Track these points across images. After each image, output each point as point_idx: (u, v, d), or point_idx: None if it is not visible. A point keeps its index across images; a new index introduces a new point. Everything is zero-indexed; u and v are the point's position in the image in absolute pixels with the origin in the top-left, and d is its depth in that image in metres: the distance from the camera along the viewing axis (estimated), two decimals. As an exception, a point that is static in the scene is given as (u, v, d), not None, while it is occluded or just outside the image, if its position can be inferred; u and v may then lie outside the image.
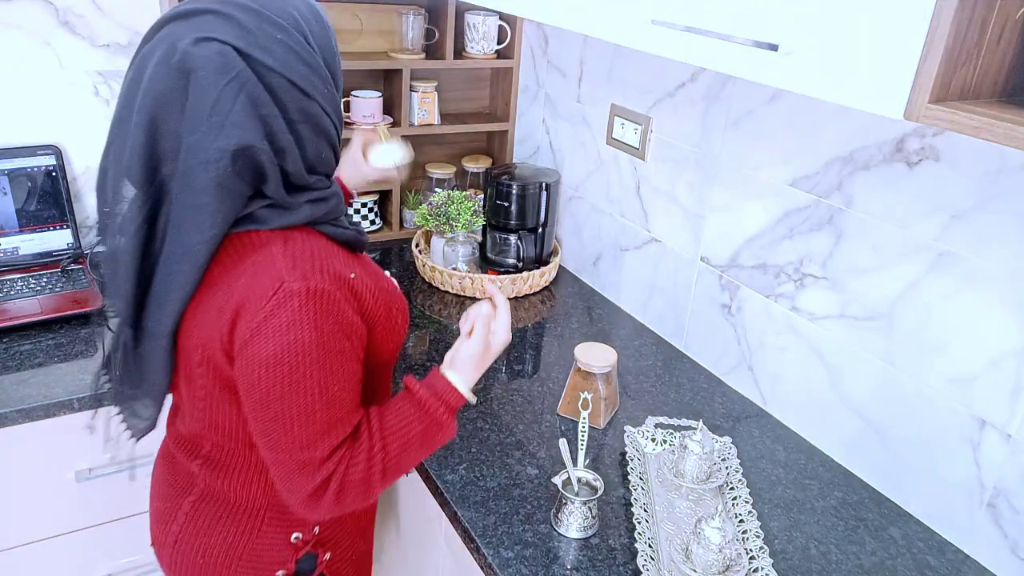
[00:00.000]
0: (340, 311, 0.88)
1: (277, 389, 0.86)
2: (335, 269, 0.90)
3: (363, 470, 0.91)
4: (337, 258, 0.92)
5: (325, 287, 0.87)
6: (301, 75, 0.86)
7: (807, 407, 1.38)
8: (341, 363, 0.89)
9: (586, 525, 1.11)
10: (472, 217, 1.79)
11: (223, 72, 0.81)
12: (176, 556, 1.06)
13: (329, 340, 0.87)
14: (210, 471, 1.02)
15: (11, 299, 1.56)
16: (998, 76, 0.75)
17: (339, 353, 0.88)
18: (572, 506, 1.10)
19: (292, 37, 0.86)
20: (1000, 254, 1.05)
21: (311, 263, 0.88)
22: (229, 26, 0.82)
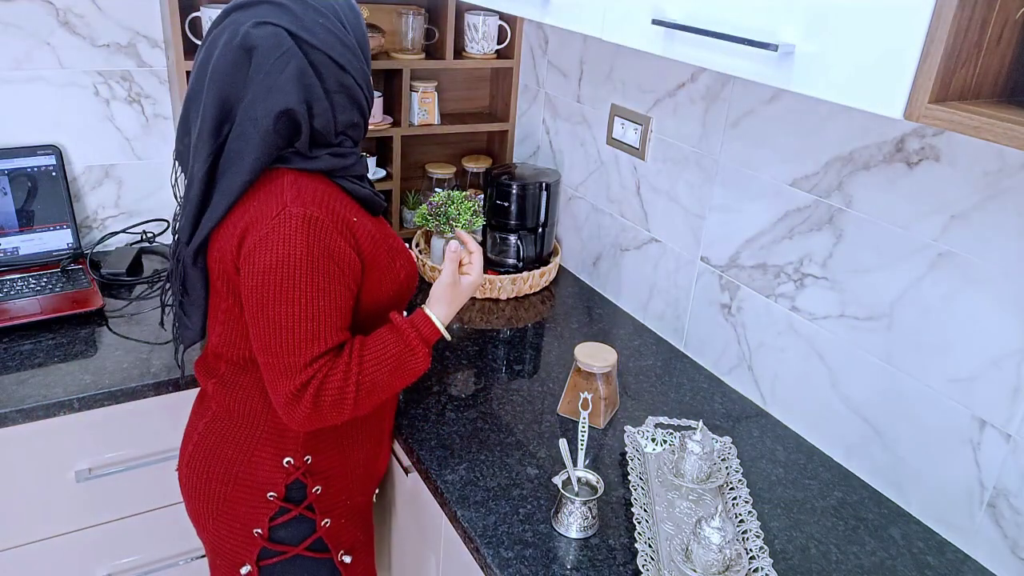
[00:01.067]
0: (331, 239, 1.02)
1: (271, 294, 1.00)
2: (334, 206, 1.04)
3: (339, 381, 1.03)
4: (341, 202, 1.06)
5: (319, 216, 1.02)
6: (339, 52, 1.03)
7: (807, 407, 1.38)
8: (328, 283, 1.02)
9: (586, 525, 1.11)
10: (472, 217, 1.79)
11: (276, 48, 0.99)
12: (188, 473, 1.21)
13: (318, 260, 1.01)
14: (222, 389, 1.16)
15: (11, 299, 1.56)
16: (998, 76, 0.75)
17: (326, 274, 1.02)
18: (572, 506, 1.10)
19: (331, 22, 1.03)
20: (1000, 254, 1.05)
21: (312, 197, 1.03)
22: (281, 12, 1.01)
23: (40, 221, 1.71)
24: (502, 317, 1.73)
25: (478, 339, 1.63)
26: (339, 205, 1.06)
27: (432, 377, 1.47)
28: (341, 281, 1.04)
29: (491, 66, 2.05)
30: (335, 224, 1.03)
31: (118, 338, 1.51)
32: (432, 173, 2.08)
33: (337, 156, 1.09)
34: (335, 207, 1.05)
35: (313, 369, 1.02)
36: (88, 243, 1.82)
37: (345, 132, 1.10)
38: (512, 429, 1.34)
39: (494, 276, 1.78)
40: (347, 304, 1.06)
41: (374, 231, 1.11)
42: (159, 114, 1.83)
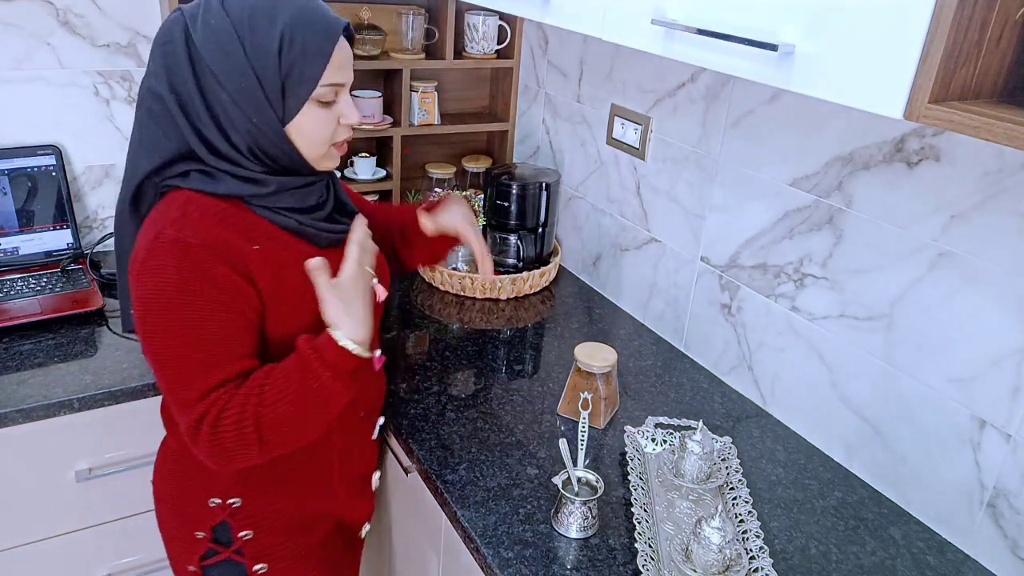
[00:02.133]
0: (207, 264, 0.95)
1: (151, 327, 0.96)
2: (219, 232, 0.97)
3: (235, 414, 0.95)
4: (241, 229, 1.00)
5: (194, 242, 0.95)
6: (214, 58, 0.96)
7: (807, 407, 1.38)
8: (211, 310, 0.96)
9: (586, 525, 1.11)
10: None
11: (164, 32, 0.98)
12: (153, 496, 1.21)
13: (193, 287, 0.95)
14: (164, 415, 1.16)
15: (11, 299, 1.56)
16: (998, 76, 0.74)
17: (206, 300, 0.95)
18: (572, 506, 1.10)
19: (222, 24, 0.95)
20: (1000, 254, 1.05)
21: (197, 220, 0.97)
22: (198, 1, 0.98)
23: (40, 221, 1.71)
24: (502, 317, 1.73)
25: (478, 339, 1.63)
26: (233, 231, 0.99)
27: (432, 377, 1.47)
28: (228, 307, 0.97)
29: (491, 66, 2.05)
30: (214, 250, 0.96)
31: (118, 338, 1.51)
32: (432, 173, 2.08)
33: (245, 181, 1.01)
34: (221, 233, 0.97)
35: (208, 402, 0.96)
36: (88, 243, 1.82)
37: (255, 155, 1.01)
38: (512, 429, 1.34)
39: (494, 276, 1.78)
40: (242, 332, 0.99)
41: (285, 260, 1.02)
42: (159, 114, 1.83)
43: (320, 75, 0.99)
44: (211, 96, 0.97)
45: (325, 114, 1.02)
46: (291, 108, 0.99)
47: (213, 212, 0.99)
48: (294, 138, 1.02)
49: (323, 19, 1.00)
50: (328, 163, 1.08)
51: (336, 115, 1.04)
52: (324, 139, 1.04)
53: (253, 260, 1.00)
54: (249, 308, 1.00)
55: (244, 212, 1.02)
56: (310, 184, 1.08)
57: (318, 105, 1.01)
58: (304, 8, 0.99)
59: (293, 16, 0.98)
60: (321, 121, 1.02)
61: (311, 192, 1.08)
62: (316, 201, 1.09)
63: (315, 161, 1.05)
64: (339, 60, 1.01)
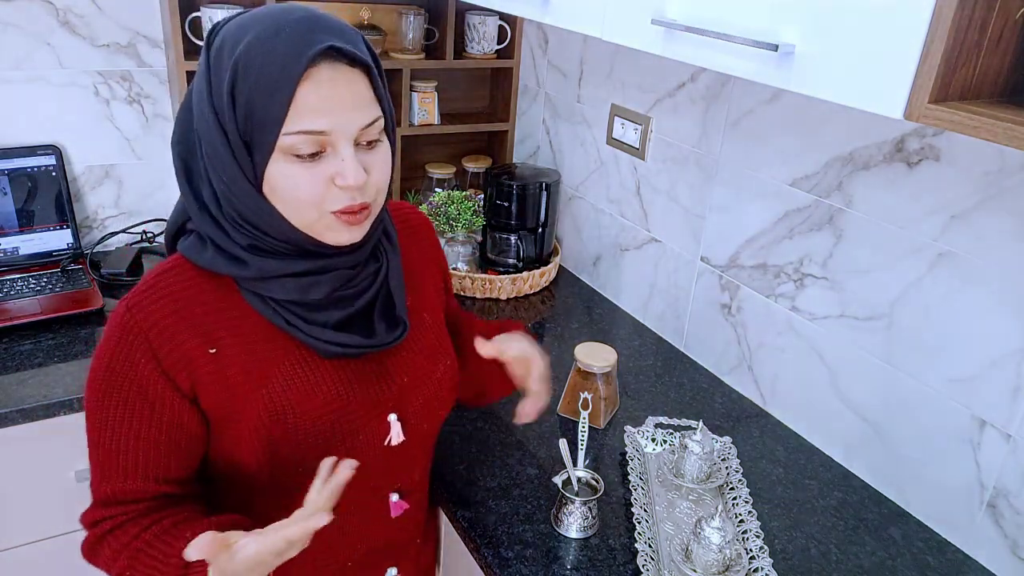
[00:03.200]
0: (139, 360, 0.79)
1: (86, 398, 0.83)
2: (171, 324, 0.79)
3: (113, 552, 0.83)
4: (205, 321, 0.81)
5: (136, 327, 0.79)
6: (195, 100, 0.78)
7: (807, 407, 1.38)
8: (123, 414, 0.80)
9: (586, 525, 1.11)
10: (472, 217, 1.79)
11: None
12: None
13: (119, 380, 0.80)
14: None
15: (11, 299, 1.56)
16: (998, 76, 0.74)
17: (125, 402, 0.80)
18: (572, 506, 1.10)
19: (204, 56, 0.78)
20: (1000, 254, 1.05)
21: (155, 300, 0.80)
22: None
23: (40, 221, 1.71)
24: (502, 317, 1.73)
25: (478, 339, 1.63)
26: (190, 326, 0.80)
27: (432, 377, 1.47)
28: (147, 419, 0.80)
29: (491, 66, 2.05)
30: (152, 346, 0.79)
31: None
32: (432, 173, 2.08)
33: (227, 257, 0.81)
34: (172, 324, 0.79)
35: (105, 513, 0.84)
36: (88, 243, 1.82)
37: (237, 224, 0.80)
38: (512, 429, 1.33)
39: (494, 276, 1.78)
40: (160, 450, 0.82)
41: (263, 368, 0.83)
42: (159, 114, 1.83)
43: (282, 118, 0.73)
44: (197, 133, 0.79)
45: (305, 170, 0.76)
46: (259, 164, 0.76)
47: (181, 293, 0.81)
48: (274, 202, 0.78)
49: (291, 39, 0.73)
50: (336, 236, 0.81)
51: (326, 175, 0.77)
52: (309, 203, 0.77)
53: (203, 370, 0.81)
54: (174, 427, 0.82)
55: (230, 299, 0.83)
56: (318, 272, 0.83)
57: (293, 159, 0.76)
58: (273, 26, 0.74)
59: (254, 38, 0.74)
60: (299, 179, 0.76)
61: (319, 284, 0.83)
62: (327, 296, 0.84)
63: (314, 232, 0.80)
64: (318, 100, 0.74)
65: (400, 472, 0.98)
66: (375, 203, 0.82)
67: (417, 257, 1.01)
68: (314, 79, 0.74)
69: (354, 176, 0.76)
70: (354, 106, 0.77)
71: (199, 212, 0.81)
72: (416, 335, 0.96)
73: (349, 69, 0.77)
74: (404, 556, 1.08)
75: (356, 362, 0.88)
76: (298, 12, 0.77)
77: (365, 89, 0.79)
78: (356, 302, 0.87)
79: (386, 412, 0.90)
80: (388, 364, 0.92)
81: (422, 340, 0.97)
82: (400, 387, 0.92)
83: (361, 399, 0.89)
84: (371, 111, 0.79)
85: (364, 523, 0.97)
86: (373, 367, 0.90)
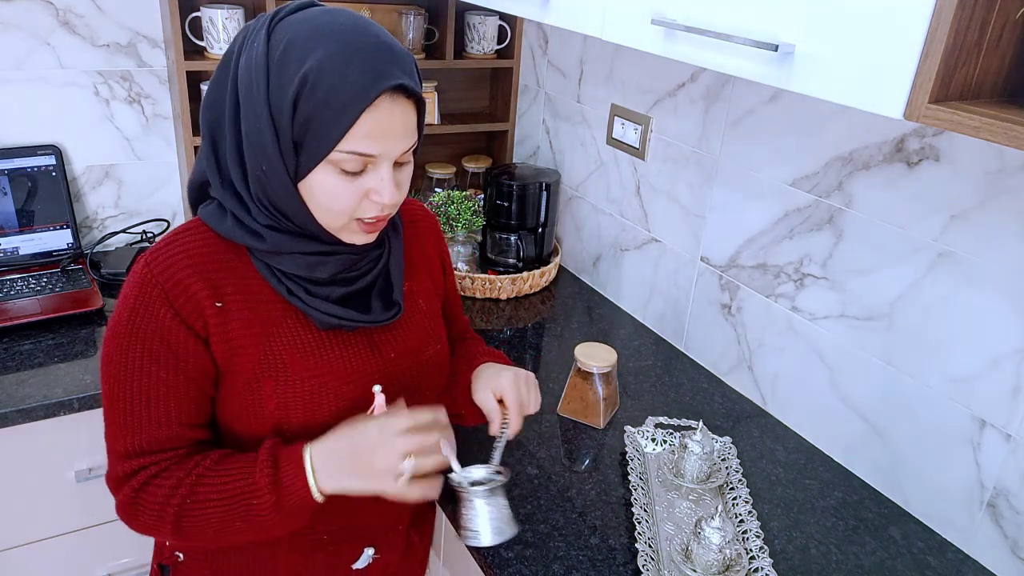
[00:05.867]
0: (159, 310, 0.83)
1: (104, 354, 0.87)
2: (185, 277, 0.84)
3: (164, 492, 0.84)
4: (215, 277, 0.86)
5: (155, 279, 0.84)
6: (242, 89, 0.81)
7: (807, 407, 1.38)
8: (147, 363, 0.84)
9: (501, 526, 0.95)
10: (472, 217, 1.79)
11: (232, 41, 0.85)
12: None
13: (141, 331, 0.84)
14: None
15: (11, 299, 1.56)
16: (998, 76, 0.75)
17: (147, 352, 0.84)
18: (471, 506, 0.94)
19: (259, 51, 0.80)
20: (1000, 254, 1.05)
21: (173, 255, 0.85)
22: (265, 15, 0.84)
23: (40, 221, 1.71)
24: (502, 317, 1.73)
25: (478, 339, 1.63)
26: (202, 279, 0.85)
27: (432, 377, 1.47)
28: (171, 366, 0.84)
29: (491, 66, 2.05)
30: (169, 294, 0.83)
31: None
32: (432, 173, 2.08)
33: (245, 230, 0.86)
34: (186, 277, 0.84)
35: (140, 463, 0.85)
36: (88, 243, 1.82)
37: (263, 205, 0.85)
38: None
39: (494, 276, 1.78)
40: (187, 396, 0.86)
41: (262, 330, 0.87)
42: (159, 114, 1.83)
43: (339, 138, 0.79)
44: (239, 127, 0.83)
45: (346, 184, 0.82)
46: (304, 166, 0.82)
47: (196, 251, 0.86)
48: (307, 199, 0.84)
49: (363, 68, 0.78)
50: (352, 237, 0.88)
51: (364, 189, 0.83)
52: (342, 211, 0.84)
53: (211, 321, 0.85)
54: (198, 372, 0.86)
55: (241, 262, 0.89)
56: (327, 254, 0.89)
57: (337, 172, 0.82)
58: (347, 48, 0.78)
59: (326, 56, 0.78)
60: (339, 191, 0.83)
61: (326, 264, 0.89)
62: (331, 275, 0.90)
63: (334, 231, 0.87)
64: (374, 128, 0.80)
65: None
66: (393, 209, 0.89)
67: (420, 249, 1.06)
68: (376, 109, 0.79)
69: (390, 195, 0.84)
70: (403, 135, 0.83)
71: (222, 188, 0.86)
72: (410, 317, 1.00)
73: (406, 101, 0.82)
74: (384, 540, 1.08)
75: (348, 334, 0.93)
76: (370, 36, 0.81)
77: (413, 118, 0.84)
78: (357, 282, 0.93)
79: (370, 383, 0.93)
80: (378, 339, 0.96)
81: (415, 322, 1.01)
82: (387, 361, 0.96)
83: (349, 367, 0.93)
84: (413, 138, 0.86)
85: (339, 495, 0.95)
86: (364, 340, 0.94)
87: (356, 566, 1.06)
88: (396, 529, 1.09)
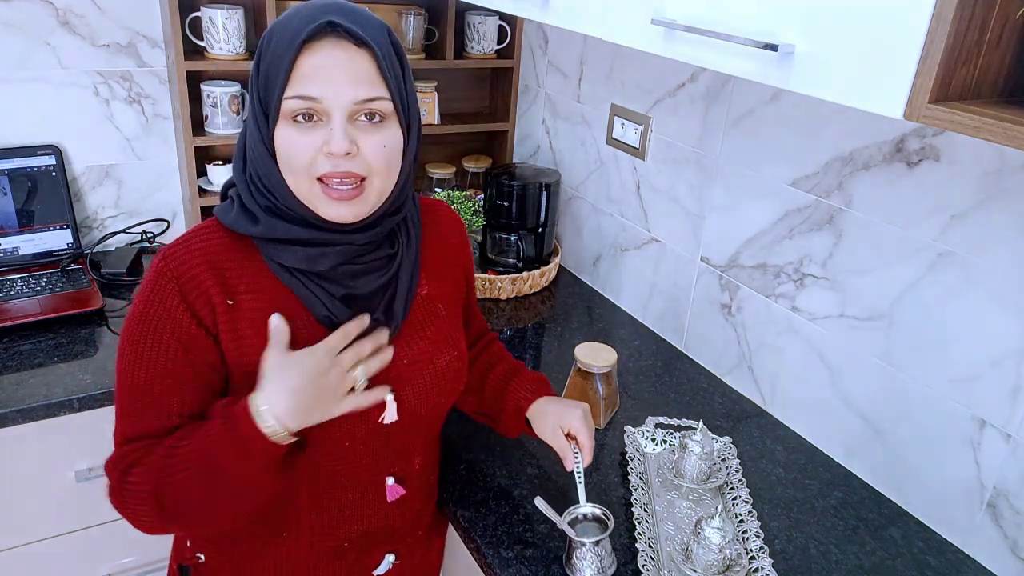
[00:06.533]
0: (172, 303, 0.85)
1: (120, 341, 0.88)
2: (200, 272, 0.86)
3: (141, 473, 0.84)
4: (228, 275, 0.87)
5: (170, 272, 0.85)
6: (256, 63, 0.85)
7: (807, 407, 1.38)
8: (155, 354, 0.85)
9: (603, 566, 1.02)
10: (472, 217, 1.79)
11: None
12: None
13: (153, 323, 0.85)
14: None
15: (11, 299, 1.56)
16: (998, 76, 0.74)
17: (157, 343, 0.85)
18: (583, 549, 1.01)
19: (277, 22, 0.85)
20: (1000, 254, 1.05)
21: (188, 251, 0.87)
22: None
23: (40, 221, 1.71)
24: (502, 317, 1.73)
25: (478, 339, 1.63)
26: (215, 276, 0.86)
27: (432, 377, 1.47)
28: (181, 360, 0.85)
29: (491, 66, 2.05)
30: (183, 288, 0.85)
31: (118, 338, 1.51)
32: (432, 173, 2.08)
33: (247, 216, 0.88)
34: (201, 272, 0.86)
35: (126, 450, 0.86)
36: (88, 243, 1.82)
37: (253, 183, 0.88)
38: (512, 429, 1.33)
39: (494, 276, 1.78)
40: (187, 387, 0.86)
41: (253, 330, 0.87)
42: (159, 114, 1.83)
43: (284, 83, 0.81)
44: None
45: (300, 137, 0.82)
46: (271, 125, 0.84)
47: (211, 248, 0.88)
48: (281, 168, 0.85)
49: (305, 15, 0.82)
50: (327, 210, 0.85)
51: (319, 141, 0.82)
52: (301, 167, 0.83)
53: (222, 318, 0.87)
54: (207, 366, 0.87)
55: (254, 261, 0.90)
56: (325, 244, 0.88)
57: (292, 124, 0.83)
58: (300, 7, 0.84)
59: (284, 17, 0.84)
60: (295, 147, 0.83)
61: (326, 256, 0.88)
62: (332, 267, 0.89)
63: (307, 201, 0.86)
64: (314, 69, 0.81)
65: (397, 456, 1.00)
66: (370, 183, 0.86)
67: (442, 251, 1.05)
68: (313, 50, 0.81)
69: (337, 143, 0.81)
70: (349, 81, 0.82)
71: (241, 172, 0.89)
72: (427, 322, 1.00)
73: (354, 48, 0.82)
74: (404, 545, 1.09)
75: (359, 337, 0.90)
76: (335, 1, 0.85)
77: (367, 68, 0.83)
78: (364, 285, 0.92)
79: (381, 387, 0.92)
80: (392, 345, 0.93)
81: (432, 328, 1.00)
82: (399, 368, 0.95)
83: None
84: (370, 89, 0.83)
85: (360, 503, 1.00)
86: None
87: (377, 572, 1.08)
88: (416, 534, 1.10)
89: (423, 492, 1.09)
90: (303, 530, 0.99)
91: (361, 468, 0.97)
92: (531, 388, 1.12)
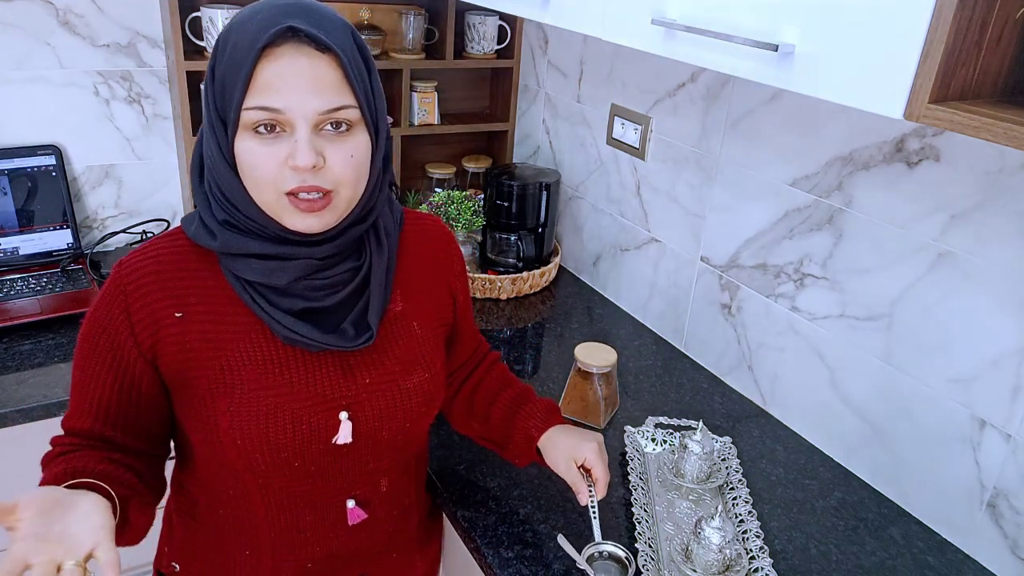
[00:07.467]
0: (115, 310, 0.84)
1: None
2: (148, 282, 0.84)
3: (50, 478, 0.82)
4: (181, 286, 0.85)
5: (119, 280, 0.84)
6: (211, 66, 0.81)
7: (807, 407, 1.38)
8: (92, 358, 0.85)
9: None
10: (472, 217, 1.79)
11: None
12: None
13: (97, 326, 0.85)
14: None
15: (11, 299, 1.56)
16: (998, 76, 0.74)
17: (94, 347, 0.85)
18: None
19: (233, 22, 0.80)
20: (1000, 254, 1.05)
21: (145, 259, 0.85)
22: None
23: (40, 221, 1.71)
24: (502, 317, 1.73)
25: (478, 339, 1.63)
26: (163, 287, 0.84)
27: (432, 377, 1.47)
28: (113, 371, 0.84)
29: (491, 66, 2.05)
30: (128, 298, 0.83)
31: None
32: (432, 173, 2.08)
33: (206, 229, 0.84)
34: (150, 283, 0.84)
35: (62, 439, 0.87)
36: (88, 243, 1.82)
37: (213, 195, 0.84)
38: (512, 429, 1.33)
39: (494, 276, 1.78)
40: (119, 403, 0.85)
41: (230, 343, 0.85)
42: (159, 114, 1.83)
43: (243, 92, 0.76)
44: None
45: (264, 149, 0.78)
46: (230, 139, 0.79)
47: (167, 257, 0.86)
48: (242, 178, 0.81)
49: (263, 19, 0.76)
50: (295, 221, 0.81)
51: (282, 153, 0.78)
52: (265, 181, 0.79)
53: (166, 331, 0.84)
54: (130, 383, 0.85)
55: (211, 272, 0.86)
56: (284, 258, 0.84)
57: (253, 135, 0.78)
58: (257, 9, 0.78)
59: (238, 19, 0.79)
60: (259, 159, 0.78)
61: (284, 270, 0.83)
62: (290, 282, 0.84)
63: (274, 214, 0.81)
64: (275, 78, 0.76)
65: (357, 479, 0.95)
66: (338, 195, 0.81)
67: (424, 266, 1.00)
68: (274, 56, 0.76)
69: (303, 157, 0.77)
70: (313, 90, 0.77)
71: (199, 184, 0.86)
72: (396, 340, 0.94)
73: (317, 53, 0.77)
74: (376, 567, 1.05)
75: (318, 353, 0.88)
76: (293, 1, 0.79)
77: (331, 75, 0.78)
78: (326, 297, 0.87)
79: (337, 409, 0.88)
80: (353, 362, 0.90)
81: (401, 347, 0.94)
82: (360, 387, 0.90)
83: (312, 389, 0.87)
84: (335, 98, 0.78)
85: (320, 524, 0.95)
86: (336, 361, 0.89)
87: None
88: (389, 556, 1.06)
89: (396, 513, 1.03)
90: (265, 550, 0.95)
91: (316, 489, 0.92)
92: (542, 416, 1.07)
